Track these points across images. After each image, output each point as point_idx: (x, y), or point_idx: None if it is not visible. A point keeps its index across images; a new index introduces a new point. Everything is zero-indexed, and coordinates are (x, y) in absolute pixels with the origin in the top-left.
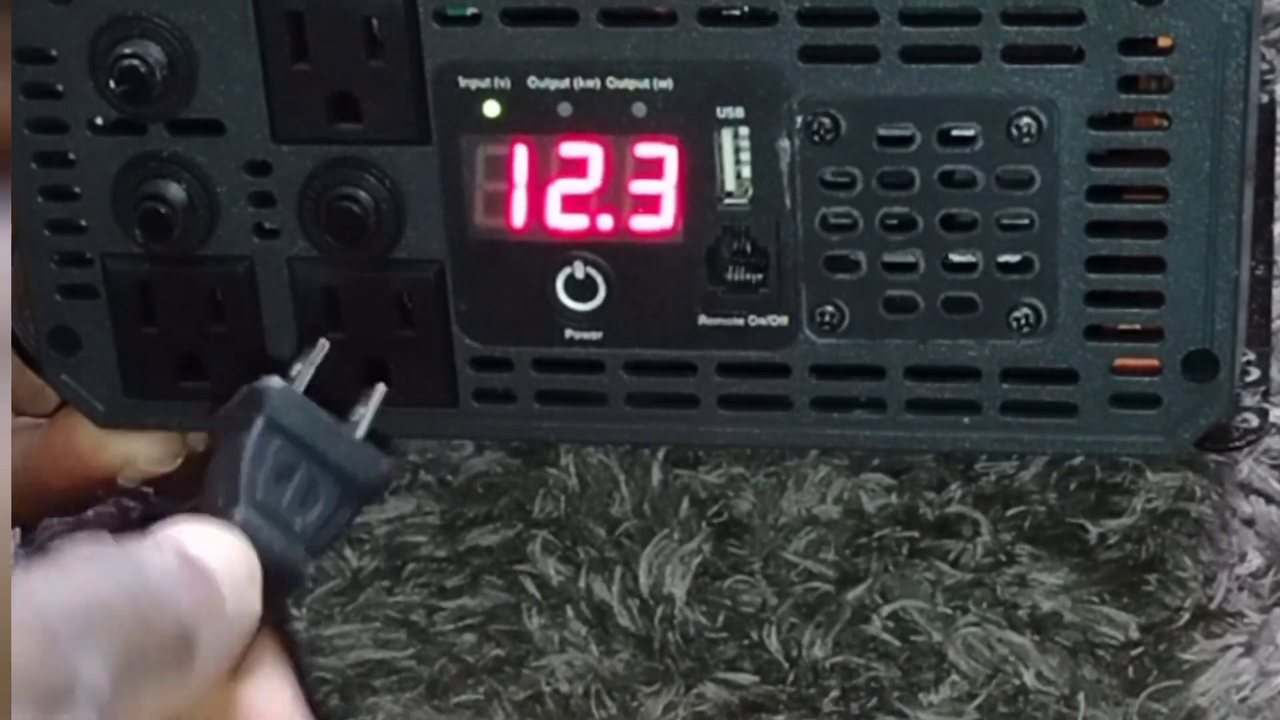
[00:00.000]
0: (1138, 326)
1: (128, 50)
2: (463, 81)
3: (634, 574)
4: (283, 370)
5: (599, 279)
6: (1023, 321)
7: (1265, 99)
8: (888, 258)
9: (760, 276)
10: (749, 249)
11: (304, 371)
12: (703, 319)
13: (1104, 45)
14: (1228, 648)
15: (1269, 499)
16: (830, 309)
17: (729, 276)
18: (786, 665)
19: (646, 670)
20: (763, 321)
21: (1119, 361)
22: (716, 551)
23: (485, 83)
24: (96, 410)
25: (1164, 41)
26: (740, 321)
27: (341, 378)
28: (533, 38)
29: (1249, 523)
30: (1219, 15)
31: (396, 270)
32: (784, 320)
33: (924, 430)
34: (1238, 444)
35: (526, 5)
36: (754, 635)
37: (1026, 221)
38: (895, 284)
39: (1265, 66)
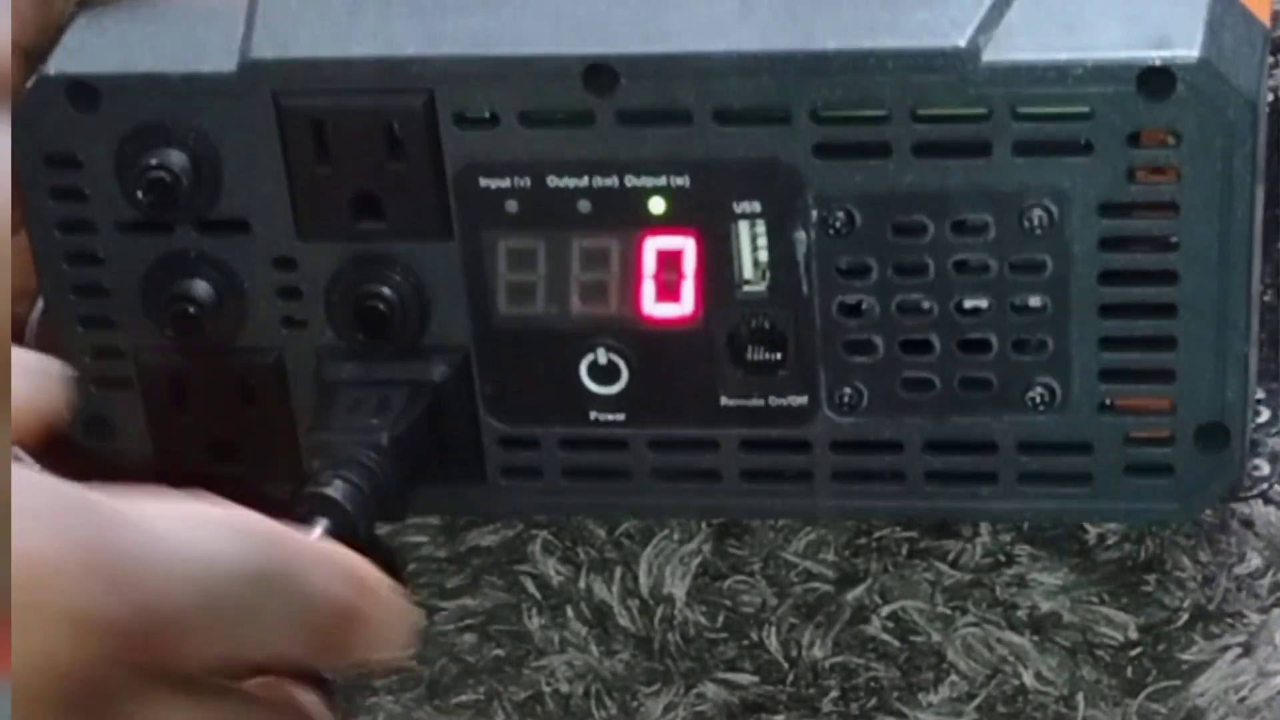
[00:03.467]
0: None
1: (153, 161)
2: (483, 181)
3: (634, 574)
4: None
5: (621, 364)
6: (1038, 399)
7: (1271, 97)
8: (904, 340)
9: (779, 357)
10: (768, 333)
11: None
12: (724, 399)
13: (1112, 139)
14: (1227, 648)
15: (1268, 499)
16: (849, 390)
17: (749, 359)
18: (786, 665)
19: (646, 670)
20: (783, 401)
21: (1133, 433)
22: (716, 551)
23: (505, 182)
24: None
25: (1170, 135)
26: (761, 402)
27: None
28: (550, 139)
29: (1248, 523)
30: (1224, 110)
31: (422, 358)
32: (804, 400)
33: (942, 500)
34: (1249, 492)
35: (543, 109)
36: (754, 635)
37: (1040, 305)
38: (912, 365)
39: (1270, 62)
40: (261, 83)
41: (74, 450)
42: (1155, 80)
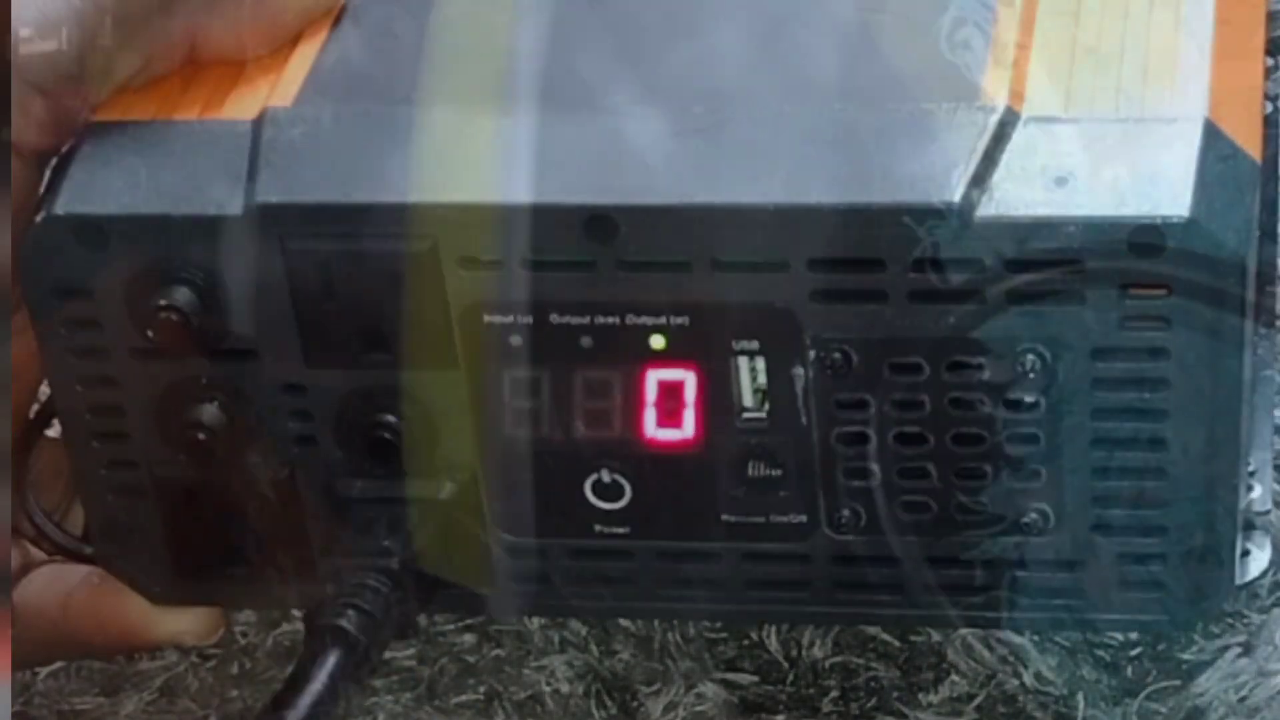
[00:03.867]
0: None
1: (162, 301)
2: (487, 318)
3: None
4: None
5: (625, 483)
6: (1031, 524)
7: (1269, 108)
8: (901, 467)
9: (779, 475)
10: (767, 457)
11: None
12: (725, 516)
13: (1103, 289)
14: (1226, 648)
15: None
16: (847, 511)
17: (749, 479)
18: (786, 665)
19: (646, 670)
20: (783, 519)
21: (1124, 552)
22: None
23: (509, 319)
24: (152, 590)
25: (1161, 287)
26: (761, 518)
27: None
28: (552, 281)
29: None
30: (1213, 266)
31: (432, 477)
32: (803, 518)
33: (939, 609)
34: (1242, 582)
35: (545, 254)
36: (754, 635)
37: (1033, 435)
38: (909, 490)
39: (1269, 63)
40: (268, 226)
41: None
42: (1145, 238)
